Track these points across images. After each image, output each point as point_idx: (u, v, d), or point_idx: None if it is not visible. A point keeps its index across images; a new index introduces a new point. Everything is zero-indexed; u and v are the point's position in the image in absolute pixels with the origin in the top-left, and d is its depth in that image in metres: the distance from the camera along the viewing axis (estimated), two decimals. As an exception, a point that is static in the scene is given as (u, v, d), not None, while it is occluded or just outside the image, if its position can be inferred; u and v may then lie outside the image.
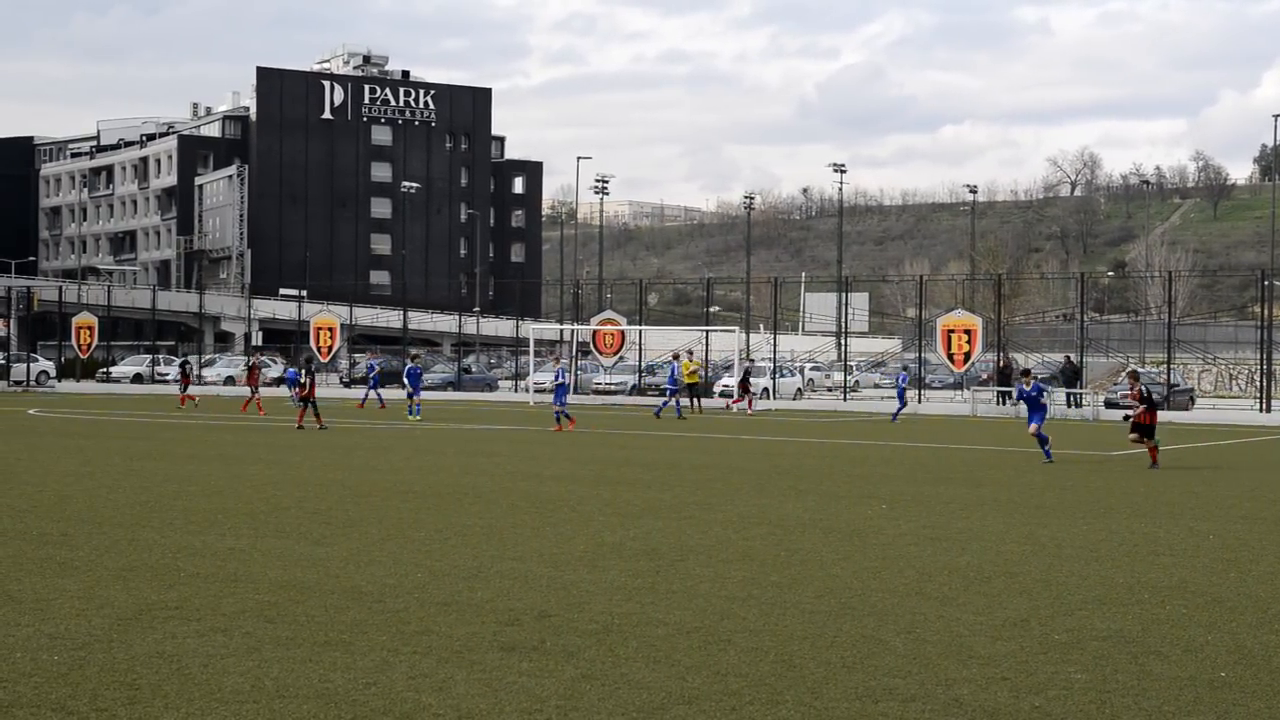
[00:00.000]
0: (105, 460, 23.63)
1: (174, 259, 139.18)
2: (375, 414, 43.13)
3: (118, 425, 35.88)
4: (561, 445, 29.22)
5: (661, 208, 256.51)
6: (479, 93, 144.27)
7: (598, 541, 13.68)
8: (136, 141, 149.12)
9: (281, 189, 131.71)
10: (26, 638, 8.84)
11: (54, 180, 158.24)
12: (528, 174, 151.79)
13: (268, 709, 7.27)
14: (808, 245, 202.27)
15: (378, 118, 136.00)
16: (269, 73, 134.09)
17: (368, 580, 11.20)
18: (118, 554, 12.45)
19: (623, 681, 7.95)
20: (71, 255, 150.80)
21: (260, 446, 27.81)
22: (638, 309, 66.77)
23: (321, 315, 69.49)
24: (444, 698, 7.54)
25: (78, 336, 70.10)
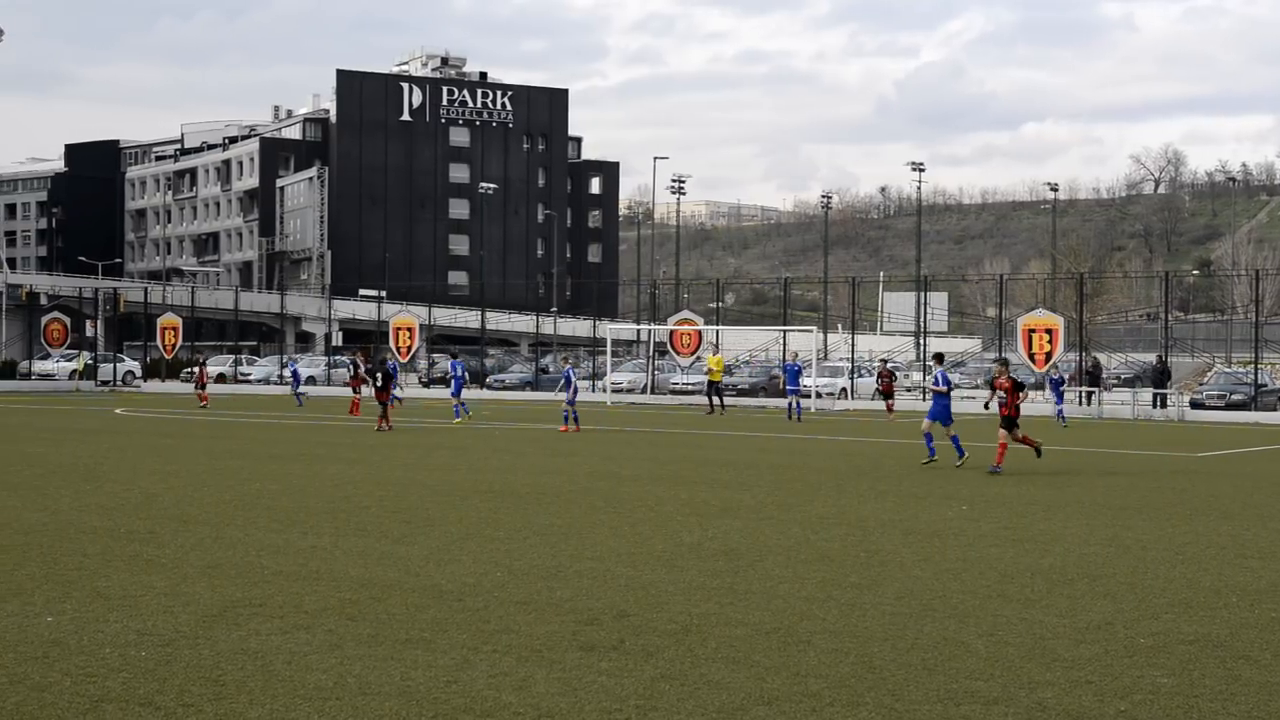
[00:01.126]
0: (190, 459, 23.96)
1: (256, 260, 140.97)
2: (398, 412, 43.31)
3: (202, 425, 36.38)
4: (640, 445, 29.23)
5: (738, 207, 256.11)
6: (556, 93, 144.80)
7: (676, 541, 13.67)
8: (219, 144, 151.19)
9: (361, 190, 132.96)
10: (115, 633, 8.98)
11: (139, 183, 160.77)
12: (605, 174, 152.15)
13: (350, 706, 7.33)
14: (886, 244, 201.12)
15: (456, 119, 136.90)
16: (349, 75, 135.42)
17: (448, 579, 11.27)
18: (203, 551, 12.62)
19: (702, 682, 7.94)
20: (156, 257, 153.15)
21: (341, 446, 28.08)
22: (714, 309, 66.62)
23: (400, 316, 69.98)
24: (524, 696, 7.57)
25: (163, 337, 71.15)
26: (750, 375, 62.20)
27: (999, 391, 22.79)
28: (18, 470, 21.24)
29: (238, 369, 74.14)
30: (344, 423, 37.24)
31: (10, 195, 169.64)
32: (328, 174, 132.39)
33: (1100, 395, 49.61)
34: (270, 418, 39.97)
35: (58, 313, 75.24)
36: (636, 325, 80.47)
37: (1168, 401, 47.63)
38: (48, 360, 73.71)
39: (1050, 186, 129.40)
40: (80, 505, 16.35)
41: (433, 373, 72.11)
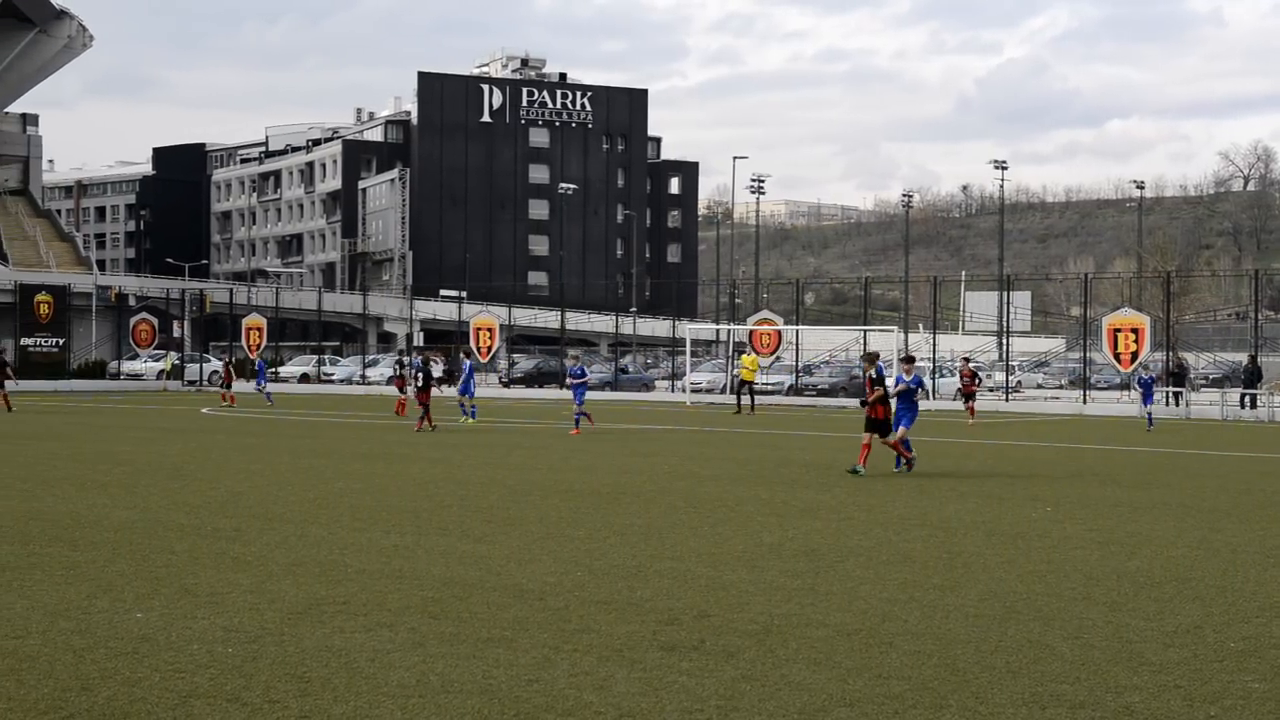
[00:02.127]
0: (275, 458, 24.25)
1: (338, 261, 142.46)
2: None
3: (286, 424, 36.81)
4: (719, 445, 29.18)
5: (818, 207, 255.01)
6: (635, 94, 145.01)
7: (756, 542, 13.63)
8: (303, 147, 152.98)
9: (442, 192, 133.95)
10: (202, 630, 9.10)
11: (225, 185, 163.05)
12: (684, 174, 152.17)
13: (433, 704, 7.38)
14: (967, 243, 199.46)
15: (535, 120, 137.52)
16: (430, 77, 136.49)
17: (529, 578, 11.31)
18: (287, 550, 12.76)
19: (783, 683, 7.91)
20: (241, 258, 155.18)
21: (423, 445, 28.28)
22: (794, 308, 66.39)
23: (481, 316, 70.44)
24: (605, 696, 7.58)
25: (247, 337, 72.11)
26: (830, 375, 61.91)
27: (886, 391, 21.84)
28: (108, 469, 21.60)
29: (321, 369, 74.94)
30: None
31: (100, 198, 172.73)
32: (409, 175, 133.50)
33: (1187, 396, 48.85)
34: (353, 418, 40.35)
35: (146, 314, 76.49)
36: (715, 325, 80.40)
37: (1258, 402, 46.79)
38: (136, 360, 74.97)
39: (1136, 184, 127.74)
40: (168, 503, 16.59)
41: (513, 373, 72.48)
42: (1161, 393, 49.79)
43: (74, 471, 21.01)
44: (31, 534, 13.63)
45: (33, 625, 9.17)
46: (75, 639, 8.78)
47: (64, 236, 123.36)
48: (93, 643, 8.68)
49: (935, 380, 56.97)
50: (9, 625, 9.17)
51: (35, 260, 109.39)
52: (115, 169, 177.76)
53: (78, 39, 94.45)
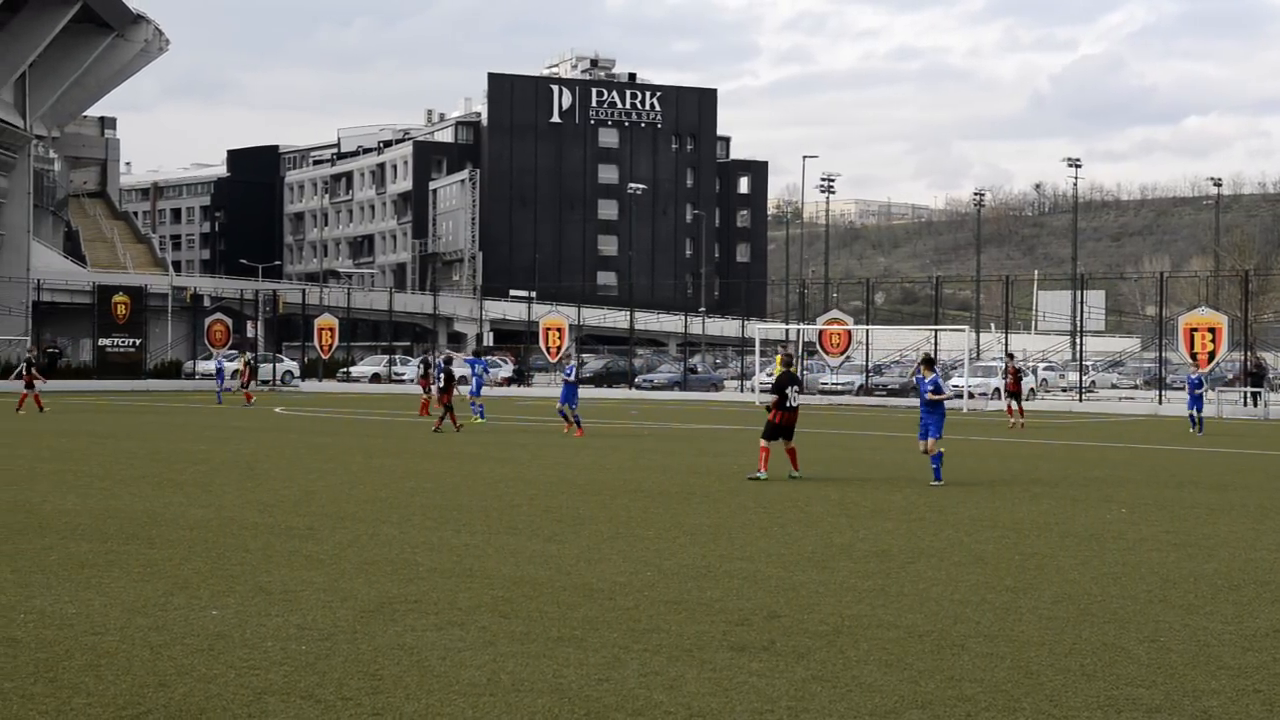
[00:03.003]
0: (346, 457, 24.45)
1: (409, 262, 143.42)
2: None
3: (358, 424, 37.11)
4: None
5: (888, 206, 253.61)
6: (705, 93, 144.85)
7: (826, 542, 13.57)
8: (374, 148, 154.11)
9: (511, 192, 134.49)
10: (276, 627, 9.19)
11: (298, 187, 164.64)
12: (753, 174, 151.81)
13: (504, 702, 7.41)
14: (1040, 242, 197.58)
15: (605, 120, 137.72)
16: (500, 78, 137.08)
17: (598, 577, 11.33)
18: (359, 548, 12.86)
19: (854, 684, 7.87)
20: (314, 259, 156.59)
21: (493, 445, 28.41)
22: (864, 308, 66.06)
23: (550, 316, 70.66)
24: (675, 695, 7.57)
25: (320, 337, 72.75)
26: (901, 375, 61.53)
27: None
28: (183, 468, 21.88)
29: (391, 369, 75.46)
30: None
31: (176, 200, 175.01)
32: (479, 176, 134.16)
33: (1266, 396, 48.08)
34: (424, 418, 40.59)
35: (220, 314, 77.36)
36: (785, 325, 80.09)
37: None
38: (210, 360, 75.87)
39: (1214, 181, 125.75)
40: (242, 502, 16.78)
41: (581, 373, 72.61)
42: (1240, 393, 49.05)
43: (151, 470, 21.29)
44: (110, 532, 13.83)
45: (111, 622, 9.30)
46: (152, 635, 8.90)
47: (141, 238, 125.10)
48: (169, 639, 8.79)
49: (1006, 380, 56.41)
50: (88, 621, 9.31)
51: (113, 261, 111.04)
52: (191, 171, 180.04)
53: (154, 43, 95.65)
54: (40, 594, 10.32)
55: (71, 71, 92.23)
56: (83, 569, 11.50)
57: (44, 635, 8.88)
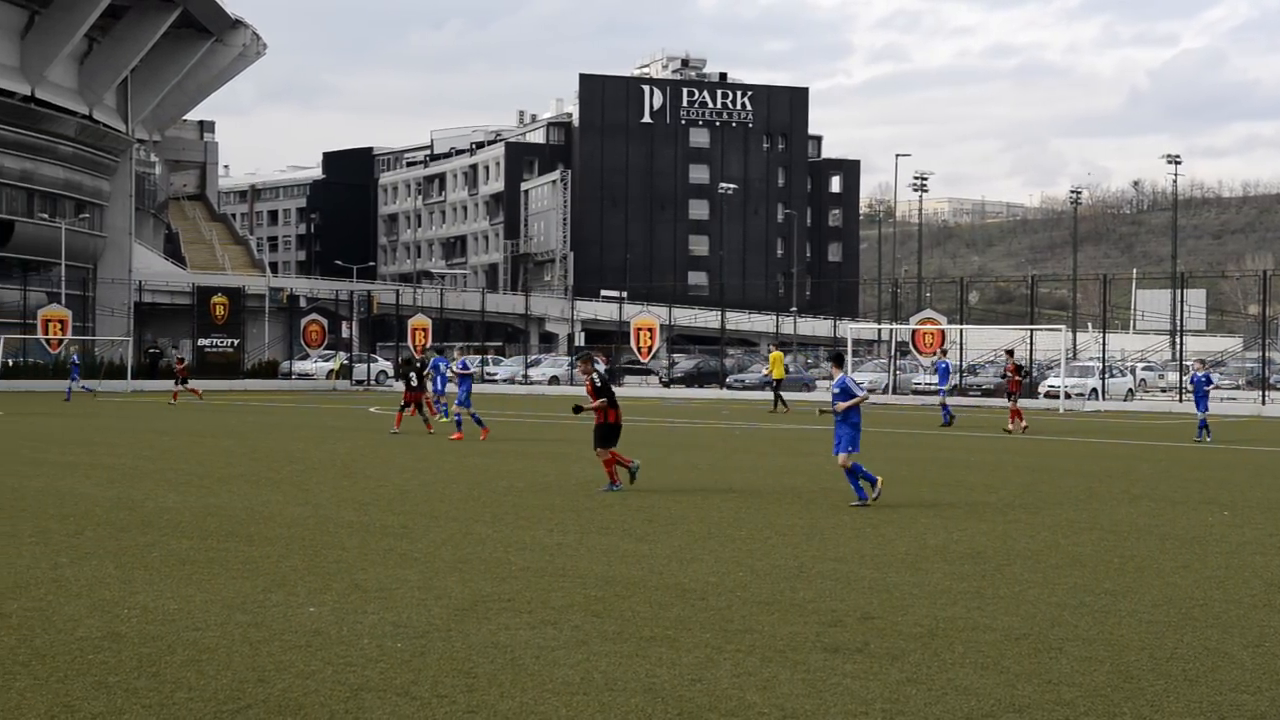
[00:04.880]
0: (439, 456, 24.64)
1: (501, 262, 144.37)
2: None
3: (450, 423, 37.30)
4: (882, 446, 28.86)
5: (983, 204, 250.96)
6: (796, 92, 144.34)
7: (920, 544, 13.46)
8: (466, 150, 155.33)
9: (602, 193, 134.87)
10: (372, 625, 9.29)
11: (391, 189, 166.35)
12: (845, 173, 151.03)
13: (597, 701, 7.42)
14: (1139, 240, 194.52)
15: (696, 120, 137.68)
16: (591, 79, 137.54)
17: (690, 577, 11.32)
18: (453, 547, 12.95)
19: (949, 687, 7.79)
20: (407, 260, 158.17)
21: (585, 445, 28.49)
22: (958, 308, 65.40)
23: (641, 316, 70.74)
24: (769, 696, 7.55)
25: (413, 338, 73.43)
26: (995, 375, 60.86)
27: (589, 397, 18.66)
28: (280, 466, 22.18)
29: (484, 369, 76.00)
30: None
31: (273, 202, 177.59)
32: (570, 177, 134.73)
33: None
34: (515, 418, 40.83)
35: (316, 315, 78.39)
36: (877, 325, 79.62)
37: None
38: (306, 360, 76.86)
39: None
40: (338, 500, 16.97)
41: (673, 373, 72.65)
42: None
43: (249, 469, 21.62)
44: (209, 529, 14.06)
45: (211, 618, 9.45)
46: (251, 632, 9.03)
47: (238, 240, 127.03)
48: (268, 636, 8.91)
49: (1105, 381, 55.71)
50: (189, 618, 9.47)
51: (211, 263, 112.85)
52: (287, 173, 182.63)
53: (252, 47, 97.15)
54: (143, 590, 10.51)
55: (172, 76, 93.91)
56: (184, 565, 11.70)
57: (147, 630, 9.04)
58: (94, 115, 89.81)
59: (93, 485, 18.68)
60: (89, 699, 7.36)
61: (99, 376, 64.27)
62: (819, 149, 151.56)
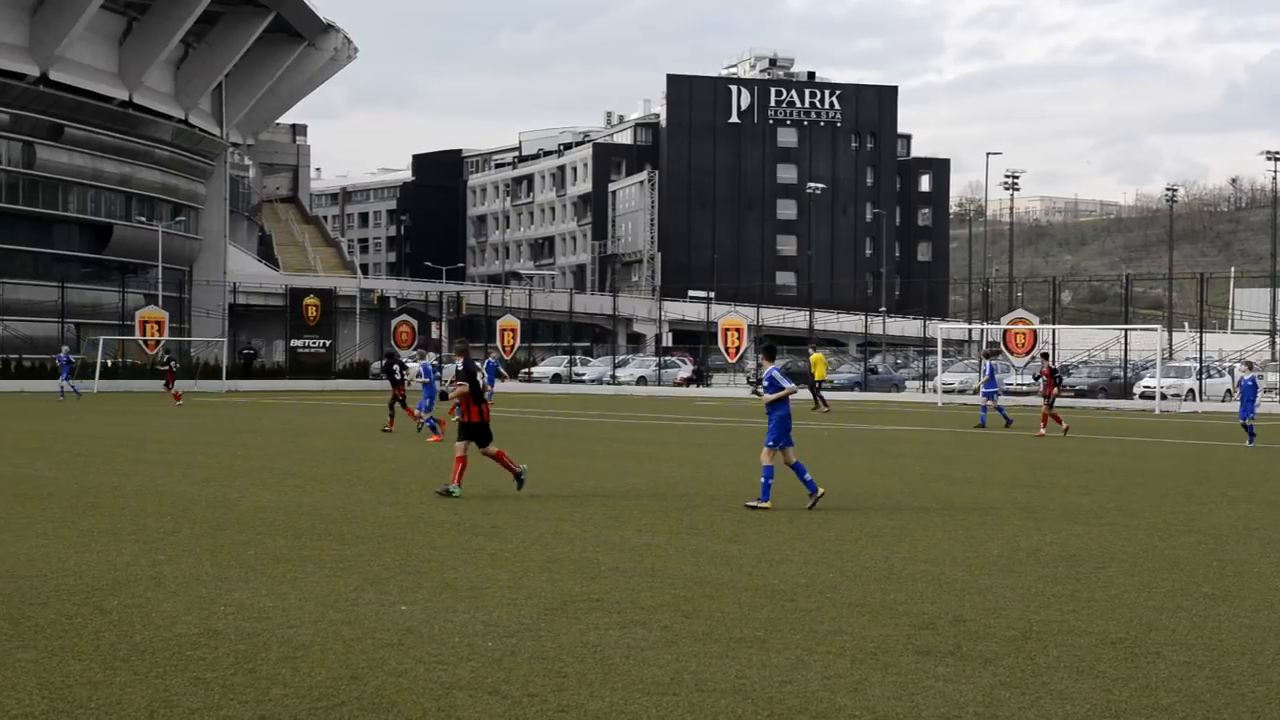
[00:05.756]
0: (528, 457, 24.72)
1: (589, 263, 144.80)
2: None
3: (539, 423, 37.55)
4: (972, 446, 28.58)
5: (1075, 202, 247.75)
6: (885, 91, 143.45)
7: (1013, 546, 13.31)
8: (554, 151, 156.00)
9: (690, 193, 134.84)
10: (463, 624, 9.35)
11: (480, 190, 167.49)
12: (934, 171, 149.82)
13: (686, 702, 7.42)
14: (1236, 238, 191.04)
15: (783, 120, 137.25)
16: (678, 79, 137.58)
17: (780, 579, 11.28)
18: (543, 546, 13.01)
19: (1044, 691, 7.70)
20: (496, 261, 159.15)
21: (672, 445, 28.52)
22: (1050, 307, 64.62)
23: (729, 316, 70.65)
24: (859, 699, 7.50)
25: (502, 338, 73.89)
26: (1089, 376, 60.09)
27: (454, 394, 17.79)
28: (372, 465, 22.41)
29: (572, 369, 76.29)
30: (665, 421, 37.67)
31: (363, 204, 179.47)
32: (658, 177, 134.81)
33: None
34: (602, 418, 40.93)
35: (406, 315, 79.12)
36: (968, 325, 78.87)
37: None
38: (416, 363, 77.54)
39: None
40: (429, 500, 17.10)
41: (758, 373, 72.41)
42: None
43: (341, 468, 21.85)
44: (303, 528, 14.23)
45: (305, 615, 9.57)
46: (345, 629, 9.12)
47: (330, 241, 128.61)
48: (361, 633, 9.00)
49: (1202, 381, 54.77)
50: (284, 615, 9.59)
51: (304, 265, 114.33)
52: (377, 176, 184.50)
53: (343, 51, 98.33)
54: (239, 587, 10.66)
55: (265, 80, 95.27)
56: (278, 564, 11.85)
57: (243, 627, 9.17)
58: (190, 120, 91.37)
59: (189, 484, 18.99)
60: (187, 694, 7.48)
61: (194, 377, 65.35)
62: (908, 148, 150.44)
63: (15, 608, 9.78)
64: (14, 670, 7.96)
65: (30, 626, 9.15)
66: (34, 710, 7.14)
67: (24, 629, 9.07)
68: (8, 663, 8.13)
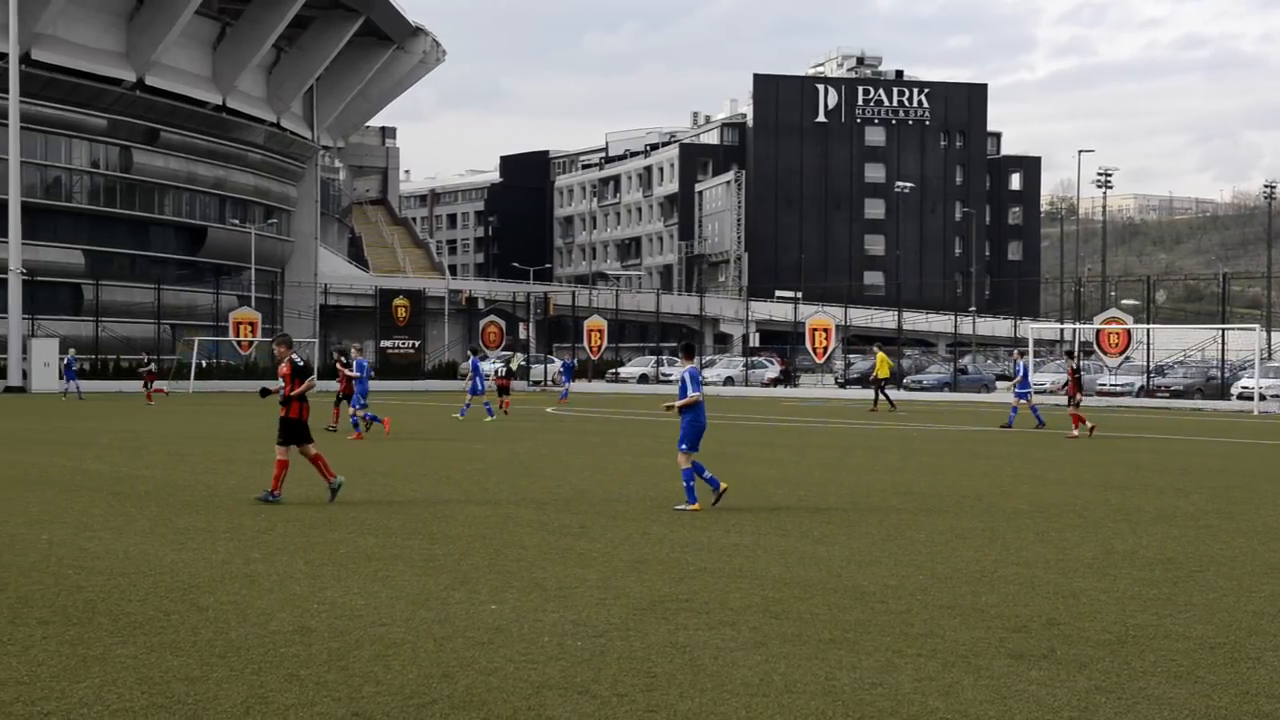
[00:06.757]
0: (616, 457, 24.82)
1: (675, 263, 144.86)
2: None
3: (626, 424, 37.62)
4: (1065, 448, 28.22)
5: (1170, 200, 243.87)
6: (974, 89, 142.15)
7: (1107, 549, 13.12)
8: (641, 151, 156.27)
9: (777, 193, 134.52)
10: (552, 623, 9.38)
11: (566, 191, 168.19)
12: (1025, 169, 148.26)
13: (776, 703, 7.38)
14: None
15: (871, 118, 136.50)
16: (765, 79, 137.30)
17: (869, 580, 11.20)
18: (631, 547, 13.02)
19: (1140, 696, 7.57)
20: (582, 262, 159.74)
21: (758, 445, 28.44)
22: (1144, 307, 63.64)
23: (816, 316, 70.33)
24: (951, 702, 7.43)
25: (589, 339, 74.13)
26: (1185, 376, 59.09)
27: None
28: (461, 465, 22.57)
29: (659, 370, 76.34)
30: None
31: (451, 206, 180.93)
32: (745, 177, 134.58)
33: None
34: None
35: (494, 316, 79.67)
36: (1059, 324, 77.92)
37: None
38: (485, 362, 78.14)
39: None
40: (517, 499, 17.19)
41: (848, 374, 72.06)
42: None
43: (430, 468, 22.03)
44: (393, 527, 14.36)
45: (397, 614, 9.65)
46: (435, 628, 9.19)
47: (419, 243, 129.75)
48: (451, 632, 9.07)
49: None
50: (375, 613, 9.68)
51: (393, 266, 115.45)
52: (465, 177, 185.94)
53: (431, 54, 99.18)
54: (331, 585, 10.78)
55: (355, 84, 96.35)
56: (369, 562, 11.97)
57: (336, 625, 9.27)
58: (281, 123, 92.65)
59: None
60: (282, 691, 7.58)
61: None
62: (998, 146, 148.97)
63: (115, 604, 9.96)
64: (114, 665, 8.11)
65: (129, 623, 9.31)
66: (134, 705, 7.27)
67: (123, 625, 9.24)
68: (108, 658, 8.29)
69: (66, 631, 9.03)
